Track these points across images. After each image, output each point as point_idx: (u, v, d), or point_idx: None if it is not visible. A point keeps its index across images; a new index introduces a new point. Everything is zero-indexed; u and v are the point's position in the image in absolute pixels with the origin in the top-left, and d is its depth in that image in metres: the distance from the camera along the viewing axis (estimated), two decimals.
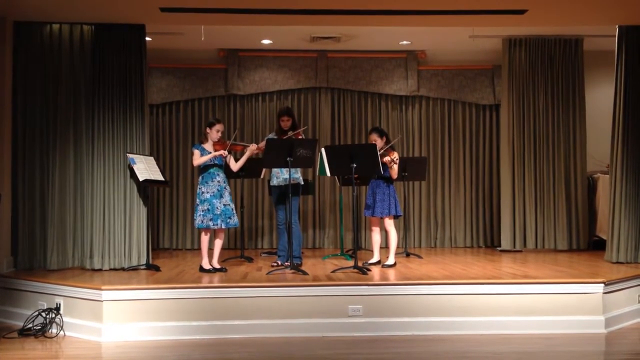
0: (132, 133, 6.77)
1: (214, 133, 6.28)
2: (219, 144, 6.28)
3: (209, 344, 5.13)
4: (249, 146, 6.48)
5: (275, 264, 6.67)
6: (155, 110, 8.96)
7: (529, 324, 5.39)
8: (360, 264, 6.27)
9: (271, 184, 6.84)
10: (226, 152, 6.25)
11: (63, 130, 6.65)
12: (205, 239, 6.20)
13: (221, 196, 6.19)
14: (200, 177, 6.26)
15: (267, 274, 6.06)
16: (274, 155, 6.16)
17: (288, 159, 6.06)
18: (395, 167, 6.47)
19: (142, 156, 6.70)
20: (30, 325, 5.49)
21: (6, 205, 6.49)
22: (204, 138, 6.37)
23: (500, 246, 8.43)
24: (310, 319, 5.35)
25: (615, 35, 7.18)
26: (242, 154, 6.50)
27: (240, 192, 8.02)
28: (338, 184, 8.27)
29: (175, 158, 9.04)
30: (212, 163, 6.21)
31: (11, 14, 6.55)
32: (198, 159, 6.21)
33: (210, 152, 6.23)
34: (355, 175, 6.63)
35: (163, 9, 6.39)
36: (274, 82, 9.04)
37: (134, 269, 6.50)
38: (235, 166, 6.47)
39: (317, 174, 7.59)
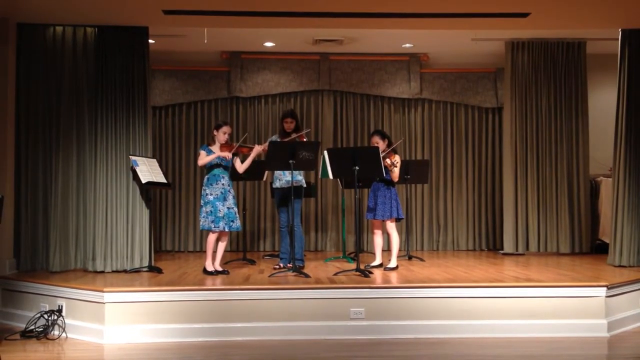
0: (134, 135, 6.78)
1: (221, 135, 6.28)
2: (225, 146, 6.28)
3: (211, 346, 5.12)
4: (254, 147, 6.48)
5: (278, 267, 6.67)
6: (158, 112, 8.97)
7: (531, 327, 5.38)
8: (362, 266, 6.26)
9: (274, 186, 6.85)
10: (230, 155, 6.24)
11: (66, 132, 6.67)
12: (211, 240, 6.20)
13: (225, 199, 6.18)
14: (205, 179, 6.26)
15: (269, 276, 6.06)
16: (276, 158, 6.17)
17: (290, 161, 6.07)
18: (396, 170, 6.45)
19: (144, 158, 6.70)
20: (33, 327, 5.49)
21: (9, 206, 6.49)
22: (211, 140, 6.37)
23: (502, 249, 8.42)
24: (312, 322, 5.34)
25: (618, 39, 7.18)
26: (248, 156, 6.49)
27: (243, 195, 8.02)
28: (340, 186, 8.26)
29: (178, 160, 9.05)
30: (217, 163, 6.21)
31: (14, 16, 6.57)
32: (203, 159, 6.22)
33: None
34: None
35: (166, 12, 6.41)
36: (277, 85, 9.04)
37: (136, 271, 6.50)
38: (241, 167, 6.47)
39: (320, 176, 7.58)
